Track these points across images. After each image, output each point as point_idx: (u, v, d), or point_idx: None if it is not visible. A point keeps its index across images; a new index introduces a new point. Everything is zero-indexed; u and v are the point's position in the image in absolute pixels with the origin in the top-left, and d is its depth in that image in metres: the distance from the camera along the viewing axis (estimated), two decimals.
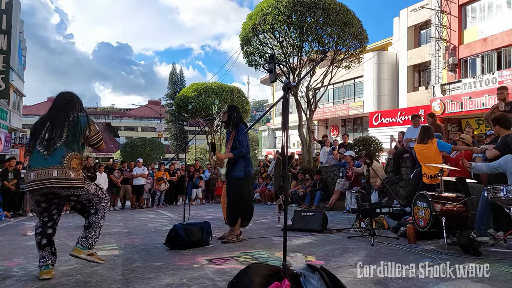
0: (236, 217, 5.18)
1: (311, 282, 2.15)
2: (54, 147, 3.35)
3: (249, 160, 5.25)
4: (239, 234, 5.21)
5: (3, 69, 17.77)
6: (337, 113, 25.76)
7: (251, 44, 14.16)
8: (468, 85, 17.21)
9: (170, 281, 3.24)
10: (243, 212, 5.18)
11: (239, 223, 5.18)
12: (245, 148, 5.08)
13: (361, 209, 6.09)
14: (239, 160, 5.13)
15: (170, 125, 48.98)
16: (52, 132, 3.40)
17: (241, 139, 5.10)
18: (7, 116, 21.45)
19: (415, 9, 21.90)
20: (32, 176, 3.28)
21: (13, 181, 10.64)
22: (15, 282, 3.34)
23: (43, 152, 3.34)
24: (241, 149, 5.06)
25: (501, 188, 4.33)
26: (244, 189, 5.17)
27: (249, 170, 5.19)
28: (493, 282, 3.07)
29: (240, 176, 5.13)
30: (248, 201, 5.28)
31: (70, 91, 3.73)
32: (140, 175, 12.82)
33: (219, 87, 21.70)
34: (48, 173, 3.26)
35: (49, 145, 3.35)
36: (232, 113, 5.28)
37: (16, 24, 20.65)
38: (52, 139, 3.37)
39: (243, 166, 5.14)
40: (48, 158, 3.31)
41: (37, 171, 3.28)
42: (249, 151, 5.24)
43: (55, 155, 3.33)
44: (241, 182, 5.15)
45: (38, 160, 3.33)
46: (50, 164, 3.29)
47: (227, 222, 5.32)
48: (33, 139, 3.48)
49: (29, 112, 58.02)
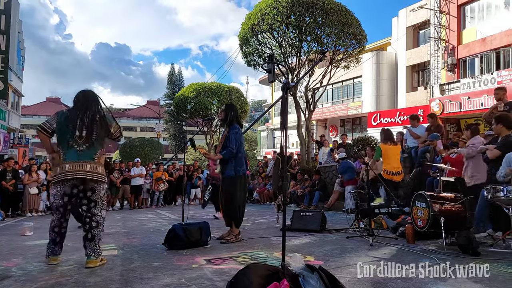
0: (229, 217, 5.19)
1: (310, 282, 2.15)
2: (87, 144, 3.75)
3: (240, 160, 5.17)
4: (238, 234, 5.20)
5: (2, 69, 17.75)
6: (336, 113, 25.76)
7: (249, 44, 14.15)
8: (467, 85, 17.22)
9: (169, 281, 3.24)
10: (232, 212, 5.14)
11: (235, 223, 5.17)
12: (234, 147, 5.04)
13: (359, 209, 6.09)
14: (231, 160, 5.11)
15: (168, 125, 48.90)
16: (83, 130, 3.76)
17: (232, 138, 5.07)
18: (5, 116, 21.42)
19: (414, 9, 21.93)
20: (67, 167, 3.69)
21: (11, 181, 10.62)
22: (13, 282, 3.34)
23: (77, 148, 3.74)
24: (230, 149, 5.04)
25: (501, 188, 4.33)
26: (234, 188, 5.11)
27: (239, 169, 5.12)
28: (492, 282, 3.08)
29: (231, 175, 5.12)
30: (238, 202, 5.13)
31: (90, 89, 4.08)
32: (138, 175, 12.82)
33: (218, 87, 21.70)
34: (82, 166, 3.71)
35: (83, 142, 3.75)
36: (229, 112, 5.28)
37: (15, 24, 20.63)
38: (84, 136, 3.76)
39: (233, 166, 5.11)
40: (81, 154, 3.74)
41: (72, 164, 3.70)
42: (240, 151, 5.15)
43: (89, 151, 3.76)
44: (231, 181, 5.13)
45: (72, 155, 3.73)
46: (84, 159, 3.73)
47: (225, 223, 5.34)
48: (62, 134, 3.78)
49: (28, 112, 57.95)
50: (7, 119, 21.70)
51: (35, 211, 10.97)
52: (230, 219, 5.19)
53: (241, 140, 5.18)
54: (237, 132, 5.12)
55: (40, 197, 11.18)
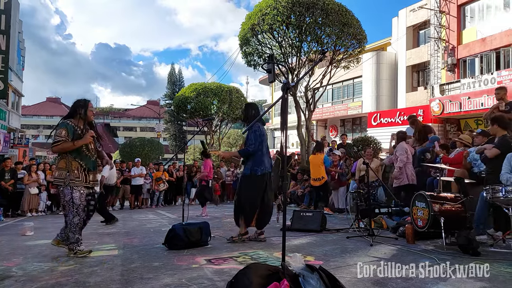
0: (237, 215, 5.14)
1: (310, 282, 2.15)
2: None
3: (259, 159, 5.03)
4: (243, 234, 5.10)
5: (2, 69, 17.72)
6: (336, 113, 25.75)
7: (250, 44, 14.16)
8: (467, 85, 17.22)
9: (169, 281, 3.24)
10: (238, 210, 5.11)
11: (243, 222, 5.08)
12: (252, 146, 4.98)
13: (359, 209, 6.10)
14: (249, 158, 5.07)
15: (169, 125, 48.90)
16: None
17: (250, 137, 5.04)
18: (6, 116, 21.41)
19: (414, 9, 21.92)
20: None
21: (10, 181, 10.62)
22: (14, 282, 3.34)
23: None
24: (247, 147, 5.03)
25: (500, 188, 4.34)
26: (247, 187, 5.03)
27: (256, 169, 5.00)
28: (492, 282, 3.08)
29: (246, 174, 5.09)
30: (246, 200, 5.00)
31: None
32: (138, 175, 12.82)
33: (218, 87, 21.70)
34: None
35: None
36: (250, 110, 5.31)
37: (15, 24, 20.62)
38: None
39: (250, 165, 5.05)
40: None
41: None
42: (261, 149, 5.03)
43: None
44: (243, 179, 5.12)
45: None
46: None
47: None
48: None
49: (28, 112, 57.98)
50: (7, 119, 21.69)
51: (35, 211, 10.97)
52: (238, 217, 5.13)
53: (262, 139, 5.07)
54: (256, 131, 5.04)
55: (39, 197, 11.19)
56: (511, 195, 4.18)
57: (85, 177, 4.32)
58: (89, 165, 4.38)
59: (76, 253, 4.26)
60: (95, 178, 4.55)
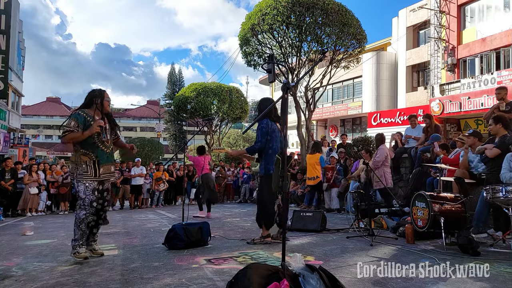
0: (259, 219, 5.01)
1: (310, 282, 2.16)
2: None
3: (271, 157, 4.90)
4: (265, 237, 4.95)
5: (2, 69, 17.72)
6: (336, 113, 25.75)
7: (250, 44, 14.17)
8: (467, 85, 17.22)
9: (169, 281, 3.24)
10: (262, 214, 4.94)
11: (264, 223, 4.96)
12: (257, 143, 4.86)
13: (360, 209, 6.09)
14: (262, 157, 4.95)
15: (169, 125, 48.89)
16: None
17: (257, 134, 4.92)
18: (6, 116, 21.41)
19: (414, 9, 21.93)
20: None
21: (10, 181, 10.62)
22: (14, 282, 3.34)
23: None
24: (254, 144, 4.94)
25: (500, 188, 4.33)
26: (265, 188, 4.91)
27: (269, 168, 4.87)
28: (492, 282, 3.08)
29: (262, 174, 4.99)
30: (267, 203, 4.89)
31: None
32: (138, 174, 12.83)
33: (218, 87, 21.70)
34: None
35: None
36: (260, 108, 5.21)
37: (15, 24, 20.61)
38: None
39: (264, 164, 4.94)
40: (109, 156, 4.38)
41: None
42: (268, 147, 4.87)
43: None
44: (261, 180, 5.03)
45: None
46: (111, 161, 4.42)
47: None
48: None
49: (28, 112, 57.98)
50: (7, 119, 21.69)
51: (34, 211, 10.97)
52: (260, 222, 4.99)
53: (271, 135, 4.88)
54: (263, 127, 4.87)
55: (39, 197, 11.19)
56: (511, 195, 4.18)
57: (94, 171, 4.15)
58: (101, 157, 4.19)
59: (74, 254, 4.17)
60: (109, 170, 4.30)
